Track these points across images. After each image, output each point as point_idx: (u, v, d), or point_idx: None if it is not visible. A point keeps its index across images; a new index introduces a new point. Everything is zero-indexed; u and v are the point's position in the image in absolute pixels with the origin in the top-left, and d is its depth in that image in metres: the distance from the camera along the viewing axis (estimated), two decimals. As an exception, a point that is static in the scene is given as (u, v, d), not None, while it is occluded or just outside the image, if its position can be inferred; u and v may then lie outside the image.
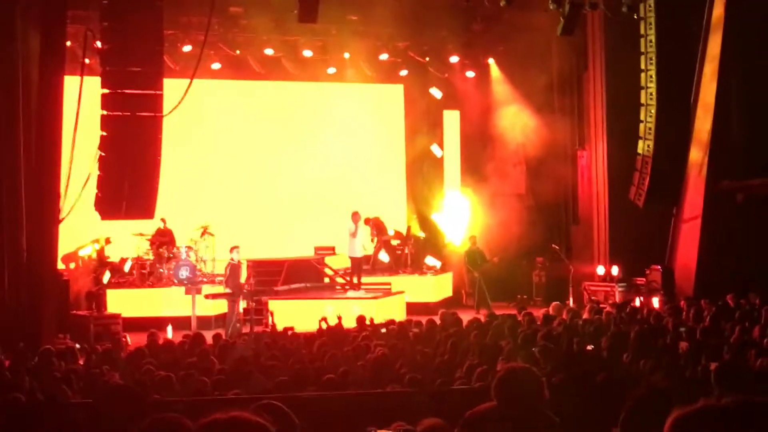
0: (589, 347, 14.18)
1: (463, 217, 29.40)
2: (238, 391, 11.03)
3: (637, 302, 22.85)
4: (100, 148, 19.20)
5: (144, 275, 25.04)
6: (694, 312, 17.75)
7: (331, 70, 28.50)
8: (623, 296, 24.11)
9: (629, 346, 13.13)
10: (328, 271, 26.37)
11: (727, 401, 3.05)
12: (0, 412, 10.32)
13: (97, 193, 19.36)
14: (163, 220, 24.90)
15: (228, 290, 22.09)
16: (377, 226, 27.67)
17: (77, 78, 20.20)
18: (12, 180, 18.95)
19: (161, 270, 24.92)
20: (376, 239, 27.66)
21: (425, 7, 23.78)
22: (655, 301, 22.90)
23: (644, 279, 25.00)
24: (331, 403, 10.56)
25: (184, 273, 24.01)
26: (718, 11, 23.94)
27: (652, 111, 24.01)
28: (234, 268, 22.19)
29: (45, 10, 19.44)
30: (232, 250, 22.41)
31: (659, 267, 24.83)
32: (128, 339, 19.54)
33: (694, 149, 24.47)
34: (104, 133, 19.16)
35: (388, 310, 22.81)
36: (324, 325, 18.04)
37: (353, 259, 25.31)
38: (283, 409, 4.58)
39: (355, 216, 25.11)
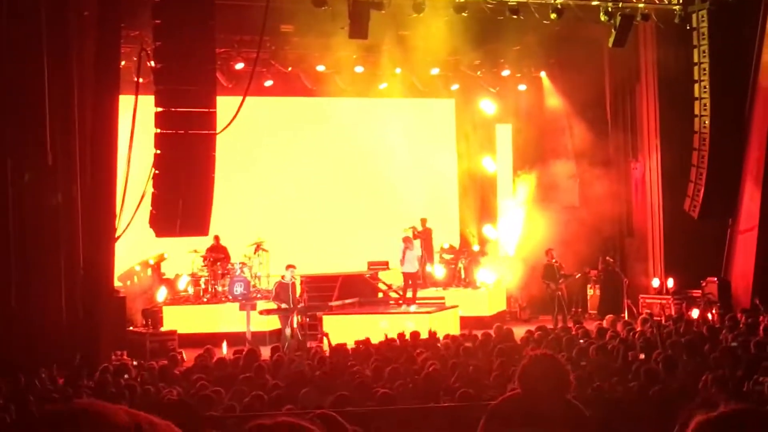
0: (641, 356, 14.11)
1: (516, 230, 29.30)
2: (291, 407, 11.05)
3: (694, 314, 22.65)
4: (155, 166, 19.31)
5: (199, 291, 25.20)
6: (749, 324, 17.53)
7: (383, 86, 28.60)
8: (679, 309, 23.91)
9: (682, 359, 13.04)
10: (381, 285, 26.36)
11: (746, 406, 3.02)
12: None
13: (151, 211, 19.47)
14: (216, 237, 25.01)
15: (283, 305, 22.13)
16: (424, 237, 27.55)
17: (132, 97, 20.42)
18: (68, 199, 19.15)
19: (216, 286, 25.07)
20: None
21: (476, 20, 23.78)
22: (710, 314, 22.68)
23: (700, 291, 24.78)
24: (385, 416, 10.57)
25: (238, 289, 24.11)
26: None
27: (706, 121, 23.85)
28: (281, 287, 22.17)
29: (99, 32, 19.64)
30: (287, 268, 22.46)
31: (715, 279, 24.60)
32: (184, 355, 19.66)
33: (749, 159, 24.24)
34: (158, 152, 19.27)
35: (441, 325, 22.70)
36: (374, 341, 18.04)
37: (406, 274, 25.30)
38: (336, 418, 4.57)
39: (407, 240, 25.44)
